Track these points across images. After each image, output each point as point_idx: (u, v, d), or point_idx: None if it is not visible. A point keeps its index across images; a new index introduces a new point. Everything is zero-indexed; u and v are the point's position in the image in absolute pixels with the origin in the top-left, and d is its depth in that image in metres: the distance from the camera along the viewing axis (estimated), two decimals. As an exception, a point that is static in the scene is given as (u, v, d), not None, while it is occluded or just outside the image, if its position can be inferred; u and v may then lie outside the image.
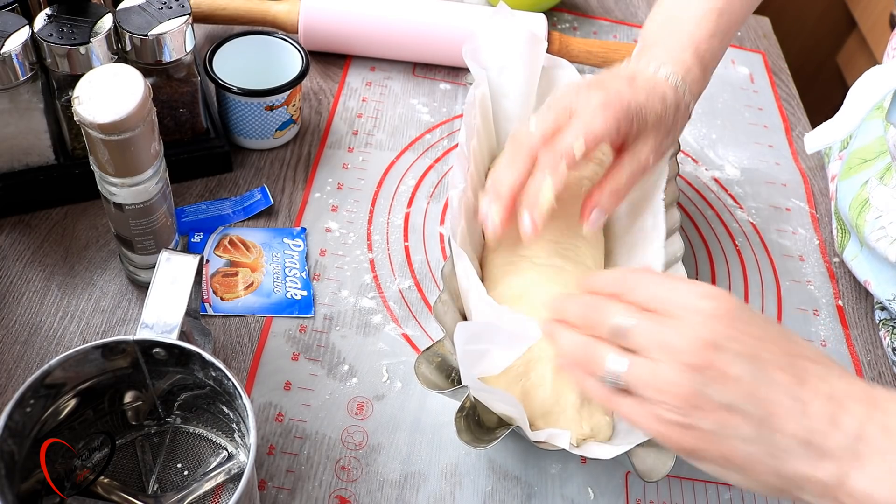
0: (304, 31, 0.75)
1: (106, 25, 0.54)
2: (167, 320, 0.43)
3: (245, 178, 0.67)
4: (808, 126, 0.85)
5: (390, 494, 0.51)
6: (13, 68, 0.53)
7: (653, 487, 0.54)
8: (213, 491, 0.48)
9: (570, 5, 0.92)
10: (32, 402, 0.41)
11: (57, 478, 0.45)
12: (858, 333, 0.66)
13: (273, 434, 0.53)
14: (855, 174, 0.68)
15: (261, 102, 0.65)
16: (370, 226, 0.65)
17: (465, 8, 0.77)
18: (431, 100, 0.77)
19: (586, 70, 0.81)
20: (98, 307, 0.57)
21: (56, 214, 0.62)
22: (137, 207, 0.51)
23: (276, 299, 0.59)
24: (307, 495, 0.51)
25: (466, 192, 0.55)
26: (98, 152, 0.48)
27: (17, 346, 0.54)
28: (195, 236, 0.62)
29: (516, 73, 0.64)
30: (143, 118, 0.47)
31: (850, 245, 0.68)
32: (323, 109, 0.74)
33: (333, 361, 0.57)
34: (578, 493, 0.53)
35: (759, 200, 0.75)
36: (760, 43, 0.94)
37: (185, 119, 0.63)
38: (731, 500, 0.54)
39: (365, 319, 0.59)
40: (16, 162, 0.59)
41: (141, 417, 0.49)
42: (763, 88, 0.87)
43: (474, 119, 0.59)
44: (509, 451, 0.54)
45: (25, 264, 0.59)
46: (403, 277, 0.62)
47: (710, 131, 0.81)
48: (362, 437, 0.53)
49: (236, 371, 0.55)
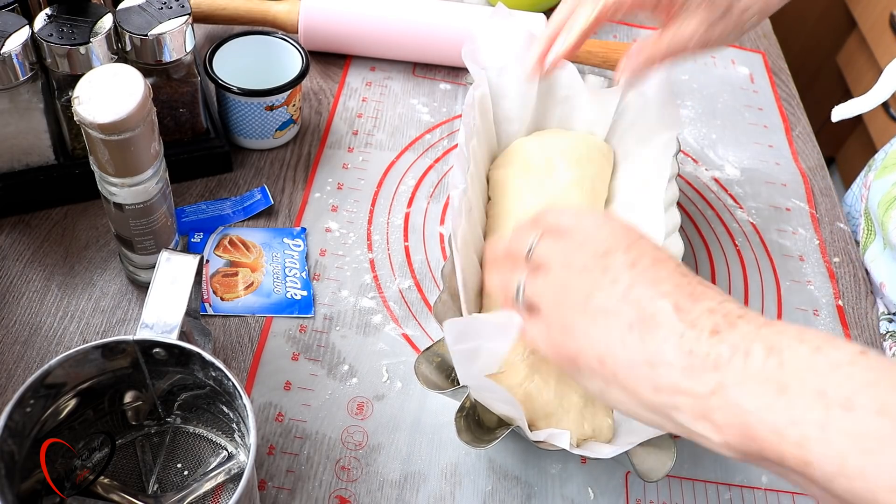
0: (304, 31, 0.75)
1: (106, 25, 0.54)
2: (167, 320, 0.43)
3: (245, 178, 0.67)
4: (808, 126, 0.85)
5: (390, 494, 0.51)
6: (13, 68, 0.53)
7: (653, 487, 0.54)
8: (213, 491, 0.48)
9: (570, 5, 0.92)
10: (32, 402, 0.41)
11: (57, 478, 0.45)
12: (858, 333, 0.66)
13: (273, 434, 0.53)
14: (888, 174, 0.69)
15: (261, 102, 0.65)
16: (370, 226, 0.65)
17: (465, 8, 0.77)
18: (431, 100, 0.77)
19: (586, 70, 0.81)
20: (98, 307, 0.57)
21: (56, 214, 0.62)
22: (137, 207, 0.51)
23: (276, 299, 0.59)
24: (307, 495, 0.51)
25: (467, 192, 0.55)
26: (98, 152, 0.48)
27: (17, 346, 0.54)
28: (195, 236, 0.62)
29: (516, 73, 0.64)
30: (143, 118, 0.47)
31: (872, 246, 0.69)
32: (323, 109, 0.74)
33: (333, 361, 0.57)
34: (578, 493, 0.53)
35: (759, 200, 0.75)
36: (760, 43, 0.94)
37: (185, 119, 0.63)
38: (731, 499, 0.54)
39: (365, 319, 0.59)
40: (16, 162, 0.59)
41: (141, 417, 0.49)
42: (763, 88, 0.87)
43: (474, 120, 0.59)
44: (509, 451, 0.54)
45: (25, 264, 0.59)
46: (403, 277, 0.62)
47: (710, 131, 0.81)
48: (362, 437, 0.53)
49: (236, 371, 0.55)
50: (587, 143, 0.66)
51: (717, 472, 0.55)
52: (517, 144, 0.65)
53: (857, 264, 0.72)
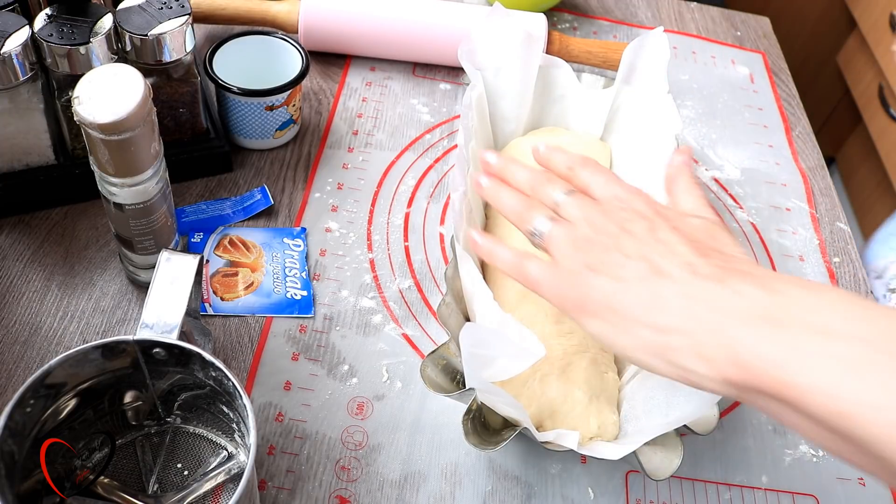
0: (304, 31, 0.75)
1: (106, 25, 0.54)
2: (167, 320, 0.43)
3: (245, 178, 0.67)
4: (808, 126, 0.85)
5: (390, 494, 0.51)
6: (13, 68, 0.53)
7: (653, 487, 0.54)
8: (213, 491, 0.48)
9: (570, 5, 0.92)
10: (32, 402, 0.41)
11: (57, 478, 0.44)
12: (858, 333, 0.66)
13: (273, 434, 0.53)
14: None
15: (261, 102, 0.65)
16: (370, 226, 0.65)
17: (464, 8, 0.77)
18: (431, 100, 0.77)
19: (586, 70, 0.81)
20: (98, 307, 0.57)
21: (56, 214, 0.62)
22: (137, 207, 0.51)
23: (276, 299, 0.59)
24: (307, 495, 0.51)
25: (467, 194, 0.55)
26: (98, 152, 0.48)
27: (17, 346, 0.54)
28: (195, 236, 0.62)
29: (512, 73, 0.64)
30: (143, 118, 0.47)
31: None
32: (323, 109, 0.74)
33: (333, 361, 0.57)
34: (578, 493, 0.53)
35: (759, 200, 0.75)
36: (760, 43, 0.94)
37: (185, 119, 0.63)
38: (730, 499, 0.54)
39: (365, 319, 0.59)
40: (16, 162, 0.59)
41: (141, 417, 0.49)
42: (763, 88, 0.87)
43: (471, 121, 0.59)
44: (509, 451, 0.54)
45: (25, 264, 0.59)
46: (403, 277, 0.62)
47: (710, 131, 0.81)
48: (362, 437, 0.53)
49: (236, 371, 0.55)
50: (584, 142, 0.66)
51: (717, 472, 0.55)
52: (514, 144, 0.65)
53: (857, 264, 0.72)
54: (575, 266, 0.42)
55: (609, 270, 0.41)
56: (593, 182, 0.47)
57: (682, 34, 0.92)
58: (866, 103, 1.56)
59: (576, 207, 0.45)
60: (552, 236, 0.44)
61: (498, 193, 0.49)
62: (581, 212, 0.44)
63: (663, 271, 0.40)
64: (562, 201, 0.46)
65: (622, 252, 0.42)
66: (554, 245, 0.44)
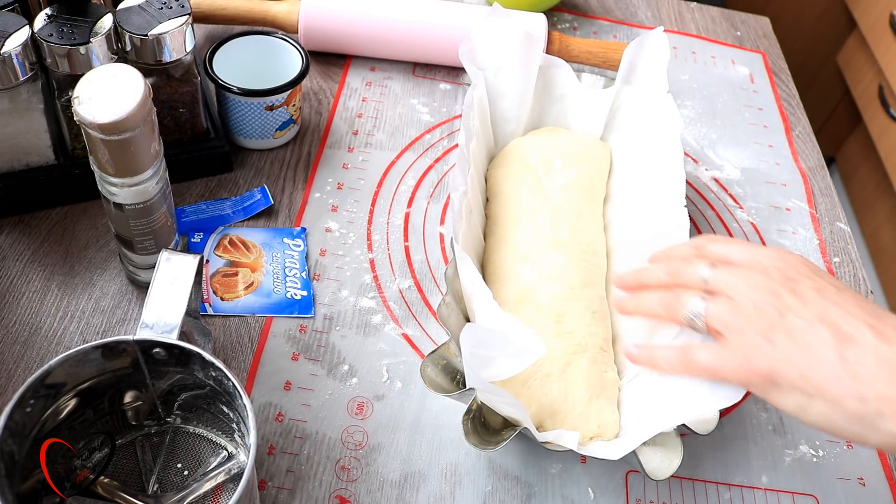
0: (304, 31, 0.75)
1: (106, 25, 0.54)
2: (167, 320, 0.43)
3: (245, 178, 0.67)
4: (808, 126, 0.85)
5: (390, 494, 0.51)
6: (13, 68, 0.53)
7: (652, 487, 0.54)
8: (213, 491, 0.48)
9: (570, 5, 0.92)
10: (32, 402, 0.41)
11: (57, 478, 0.45)
12: (858, 333, 0.66)
13: (273, 434, 0.53)
14: None
15: (261, 102, 0.65)
16: (370, 226, 0.65)
17: (464, 8, 0.77)
18: (431, 100, 0.77)
19: (586, 70, 0.81)
20: (98, 307, 0.57)
21: (56, 214, 0.62)
22: (137, 207, 0.51)
23: (276, 299, 0.59)
24: (307, 495, 0.51)
25: (467, 194, 0.55)
26: (98, 152, 0.48)
27: (17, 346, 0.54)
28: (195, 236, 0.62)
29: (513, 73, 0.64)
30: (143, 118, 0.47)
31: None
32: (323, 109, 0.74)
33: (333, 361, 0.57)
34: (578, 493, 0.53)
35: (759, 200, 0.75)
36: (760, 43, 0.94)
37: (185, 119, 0.63)
38: (731, 499, 0.54)
39: (365, 319, 0.59)
40: (16, 162, 0.59)
41: (141, 417, 0.49)
42: (763, 88, 0.87)
43: (472, 121, 0.59)
44: (509, 451, 0.54)
45: (25, 264, 0.59)
46: (403, 277, 0.62)
47: (710, 131, 0.81)
48: (362, 437, 0.53)
49: (236, 371, 0.55)
50: (584, 142, 0.66)
51: (717, 472, 0.55)
52: (515, 144, 0.65)
53: (856, 264, 0.72)
54: (750, 339, 0.41)
55: (792, 337, 0.40)
56: (730, 251, 0.45)
57: (682, 34, 0.92)
58: (866, 103, 1.56)
59: (729, 277, 0.43)
60: (714, 314, 0.43)
61: (640, 300, 0.47)
62: (736, 280, 0.43)
63: (850, 336, 0.39)
64: (710, 276, 0.44)
65: (798, 316, 0.40)
66: (719, 322, 0.42)
